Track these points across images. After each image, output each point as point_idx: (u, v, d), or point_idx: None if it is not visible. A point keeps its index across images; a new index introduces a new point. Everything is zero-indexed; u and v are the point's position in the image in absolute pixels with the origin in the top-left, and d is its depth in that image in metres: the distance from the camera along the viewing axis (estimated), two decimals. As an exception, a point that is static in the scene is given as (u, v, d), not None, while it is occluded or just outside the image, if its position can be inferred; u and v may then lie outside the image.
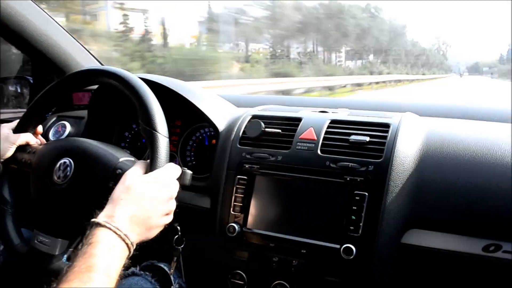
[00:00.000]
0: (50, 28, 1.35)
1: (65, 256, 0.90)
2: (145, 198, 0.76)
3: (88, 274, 0.63)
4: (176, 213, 0.84)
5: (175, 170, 0.84)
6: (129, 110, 1.31)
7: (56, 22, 1.37)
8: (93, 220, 0.72)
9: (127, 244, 0.71)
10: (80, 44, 1.46)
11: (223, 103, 1.25)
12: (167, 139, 0.85)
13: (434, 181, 0.90)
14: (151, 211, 0.77)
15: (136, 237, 0.74)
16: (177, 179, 0.84)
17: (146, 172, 0.81)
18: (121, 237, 0.70)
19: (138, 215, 0.75)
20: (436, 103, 1.33)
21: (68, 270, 0.64)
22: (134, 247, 0.73)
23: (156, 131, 0.84)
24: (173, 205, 0.83)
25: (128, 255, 0.72)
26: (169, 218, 0.83)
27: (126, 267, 0.72)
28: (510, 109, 1.20)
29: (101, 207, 0.75)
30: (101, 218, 0.72)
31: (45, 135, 1.41)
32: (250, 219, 1.00)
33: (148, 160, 0.84)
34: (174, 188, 0.83)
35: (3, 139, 0.98)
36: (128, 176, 0.79)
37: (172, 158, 1.24)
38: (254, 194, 1.00)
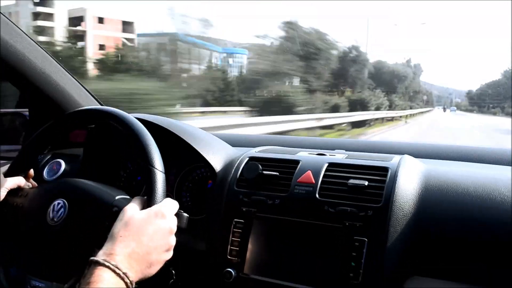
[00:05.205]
0: (49, 66, 1.35)
1: None
2: (144, 234, 0.75)
3: None
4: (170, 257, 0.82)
5: (173, 204, 0.83)
6: (124, 149, 1.30)
7: (55, 60, 1.37)
8: (92, 258, 0.70)
9: (126, 283, 0.70)
10: (79, 83, 1.46)
11: (219, 143, 1.24)
12: (164, 175, 0.86)
13: (433, 226, 0.89)
14: (151, 247, 0.75)
15: (135, 275, 0.72)
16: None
17: (143, 208, 0.80)
18: (120, 276, 0.69)
19: (138, 251, 0.73)
20: (433, 144, 1.34)
21: None
22: (133, 285, 0.71)
23: (153, 166, 0.85)
24: (173, 240, 0.81)
25: None
26: (170, 254, 0.81)
27: None
28: (509, 150, 1.20)
29: (97, 246, 0.73)
30: (100, 256, 0.70)
31: (39, 173, 1.39)
32: (247, 264, 0.97)
33: (145, 197, 0.83)
34: (173, 222, 0.82)
35: None
36: (126, 212, 0.78)
37: None
38: (251, 238, 0.98)
